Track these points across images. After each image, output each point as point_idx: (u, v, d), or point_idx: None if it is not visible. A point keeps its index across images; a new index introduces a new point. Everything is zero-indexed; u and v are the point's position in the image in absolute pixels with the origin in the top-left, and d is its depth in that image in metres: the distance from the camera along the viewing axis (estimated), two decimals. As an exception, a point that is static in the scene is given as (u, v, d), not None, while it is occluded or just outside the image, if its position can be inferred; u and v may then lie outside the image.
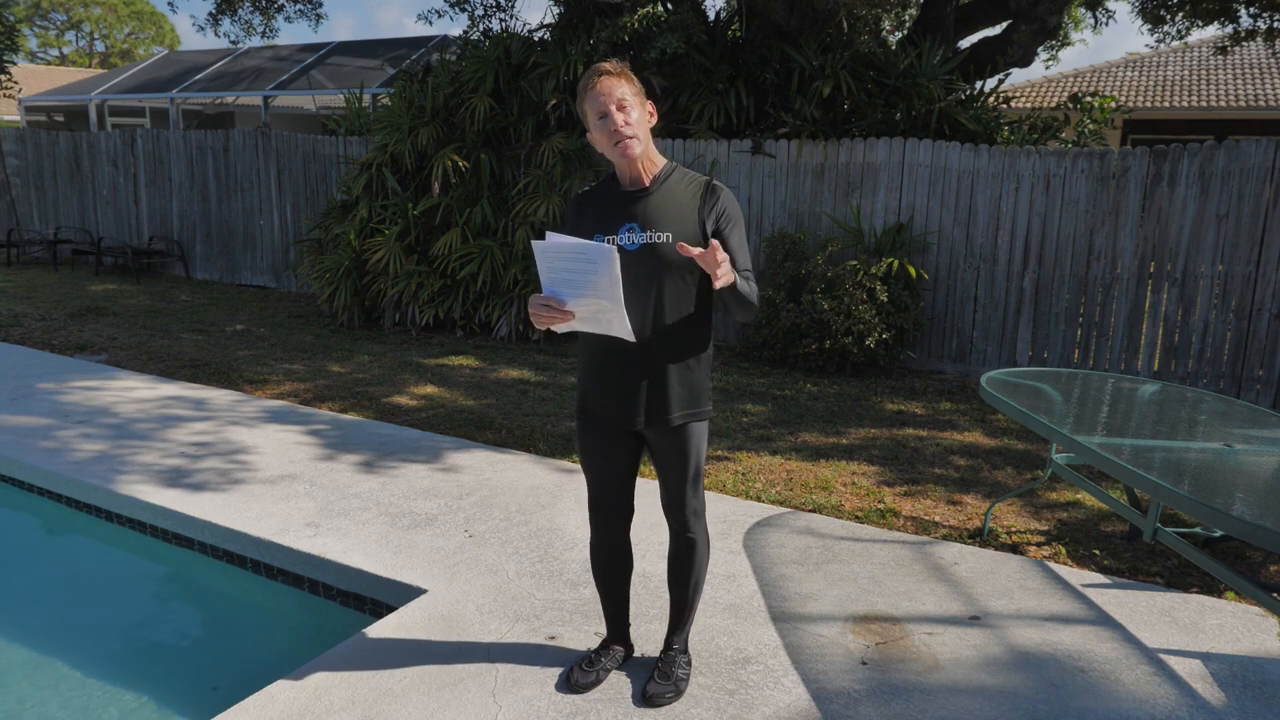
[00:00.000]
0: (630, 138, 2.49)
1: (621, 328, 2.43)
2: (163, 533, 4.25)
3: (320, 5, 13.20)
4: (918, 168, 7.55)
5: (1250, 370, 6.62)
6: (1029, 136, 8.06)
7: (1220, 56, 13.99)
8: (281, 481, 4.62)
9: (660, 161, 2.63)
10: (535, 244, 2.37)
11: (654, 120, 2.59)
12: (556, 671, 2.94)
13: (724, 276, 2.38)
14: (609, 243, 2.52)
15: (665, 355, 2.59)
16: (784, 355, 7.57)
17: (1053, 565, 3.87)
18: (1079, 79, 18.07)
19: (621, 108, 2.49)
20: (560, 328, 2.48)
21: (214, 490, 4.45)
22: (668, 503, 2.76)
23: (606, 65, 2.52)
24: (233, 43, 13.80)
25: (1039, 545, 4.12)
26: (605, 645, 2.98)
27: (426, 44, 13.87)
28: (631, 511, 2.83)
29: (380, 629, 3.19)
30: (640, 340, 2.55)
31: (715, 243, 2.36)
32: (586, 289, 2.37)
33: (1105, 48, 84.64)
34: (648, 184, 2.59)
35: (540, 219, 8.30)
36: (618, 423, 2.66)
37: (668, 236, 2.53)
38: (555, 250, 2.36)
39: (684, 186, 2.60)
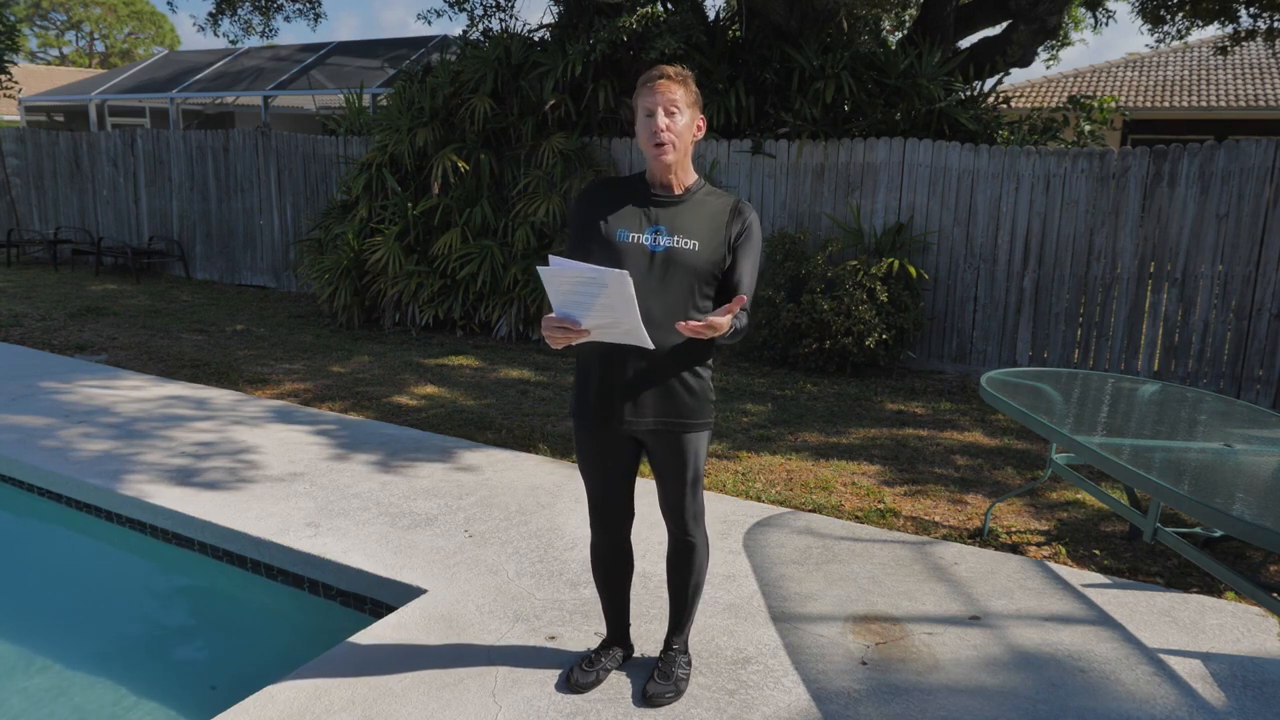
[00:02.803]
0: (667, 144, 2.50)
1: (640, 338, 2.40)
2: (163, 533, 4.25)
3: (319, 4, 13.18)
4: (918, 168, 7.55)
5: (1250, 370, 6.62)
6: (1029, 137, 8.06)
7: (1220, 56, 13.99)
8: (281, 481, 4.62)
9: (693, 176, 2.63)
10: (542, 270, 2.31)
11: (700, 134, 2.59)
12: (556, 671, 2.94)
13: (718, 326, 2.36)
14: (633, 239, 2.53)
15: (669, 361, 2.57)
16: (784, 355, 7.57)
17: (1053, 565, 3.87)
18: (1079, 79, 18.06)
19: (670, 112, 2.50)
20: (577, 342, 2.45)
21: (213, 490, 4.45)
22: (666, 507, 2.75)
23: (670, 69, 2.53)
24: (232, 43, 13.79)
25: (1039, 545, 4.12)
26: (605, 645, 2.98)
27: (426, 44, 13.87)
28: (631, 514, 2.82)
29: (380, 629, 3.19)
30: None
31: (691, 325, 2.34)
32: (601, 310, 2.34)
33: (1105, 48, 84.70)
34: (678, 193, 2.60)
35: (540, 219, 8.30)
36: (616, 426, 2.65)
37: (695, 244, 2.53)
38: (564, 275, 2.31)
39: (714, 200, 2.62)
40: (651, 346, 2.43)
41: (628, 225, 2.57)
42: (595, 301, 2.32)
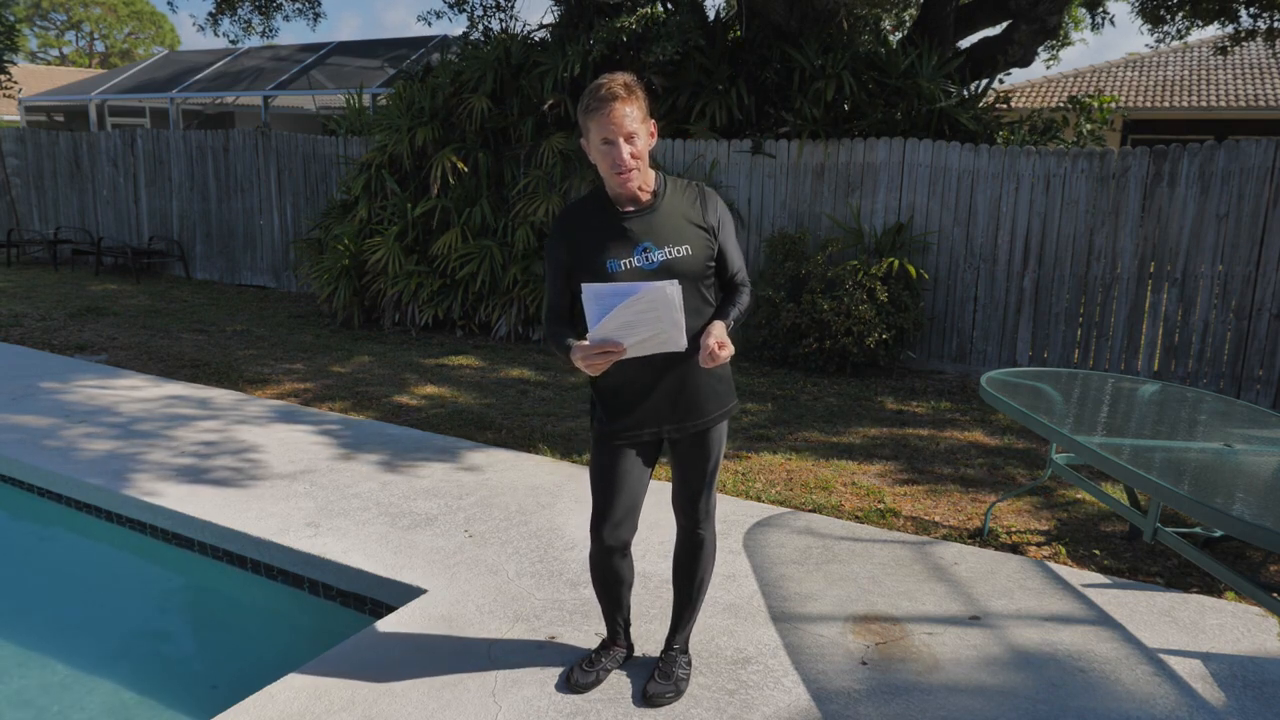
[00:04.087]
0: (633, 170, 2.45)
1: (677, 343, 2.39)
2: (163, 533, 4.25)
3: (319, 4, 13.19)
4: (918, 168, 7.55)
5: (1250, 370, 6.62)
6: (1029, 137, 8.06)
7: (1220, 56, 13.98)
8: (281, 481, 4.62)
9: (652, 175, 2.58)
10: (586, 288, 2.31)
11: (653, 141, 2.53)
12: (556, 671, 2.94)
13: (728, 347, 2.44)
14: (625, 266, 2.49)
15: (694, 362, 2.57)
16: (784, 355, 7.57)
17: (1053, 565, 3.87)
18: (1079, 79, 18.06)
19: (630, 139, 2.42)
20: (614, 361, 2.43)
21: (213, 490, 4.45)
22: (682, 500, 2.75)
23: (618, 88, 2.40)
24: (232, 43, 13.79)
25: (1039, 545, 4.12)
26: (605, 645, 2.98)
27: (426, 44, 13.87)
28: (635, 529, 2.76)
29: (380, 629, 3.19)
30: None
31: (708, 349, 2.41)
32: (647, 326, 2.32)
33: (1105, 48, 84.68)
34: (647, 201, 2.55)
35: (540, 219, 8.30)
36: (652, 435, 2.64)
37: (686, 249, 2.51)
38: (609, 295, 2.29)
39: (680, 196, 2.58)
40: (684, 347, 2.42)
41: (614, 254, 2.51)
42: (643, 320, 2.30)
